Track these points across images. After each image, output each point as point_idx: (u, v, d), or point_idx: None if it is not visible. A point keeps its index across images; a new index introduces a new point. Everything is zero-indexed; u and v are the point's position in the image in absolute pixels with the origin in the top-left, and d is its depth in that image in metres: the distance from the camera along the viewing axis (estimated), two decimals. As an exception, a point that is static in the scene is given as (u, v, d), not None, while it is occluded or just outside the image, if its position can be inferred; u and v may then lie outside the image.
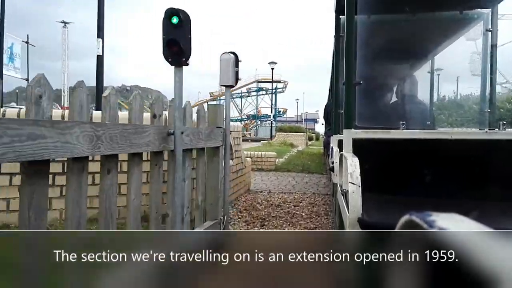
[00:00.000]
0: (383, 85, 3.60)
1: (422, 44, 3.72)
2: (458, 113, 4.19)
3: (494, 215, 1.92)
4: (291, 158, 12.59)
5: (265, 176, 8.53)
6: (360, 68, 2.69)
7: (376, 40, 3.35)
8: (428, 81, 3.89)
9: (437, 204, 2.05)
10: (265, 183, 7.44)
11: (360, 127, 2.48)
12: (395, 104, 3.52)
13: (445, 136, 2.36)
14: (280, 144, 23.74)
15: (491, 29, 3.03)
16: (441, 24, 3.35)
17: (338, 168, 2.57)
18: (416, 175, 2.41)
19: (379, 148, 2.43)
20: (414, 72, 4.01)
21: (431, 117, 3.66)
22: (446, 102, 4.43)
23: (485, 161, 2.42)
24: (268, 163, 9.83)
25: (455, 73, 3.77)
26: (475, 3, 3.12)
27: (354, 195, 1.82)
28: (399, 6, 3.14)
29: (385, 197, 2.26)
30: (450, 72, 3.81)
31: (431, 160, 2.43)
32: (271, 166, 9.79)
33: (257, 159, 9.67)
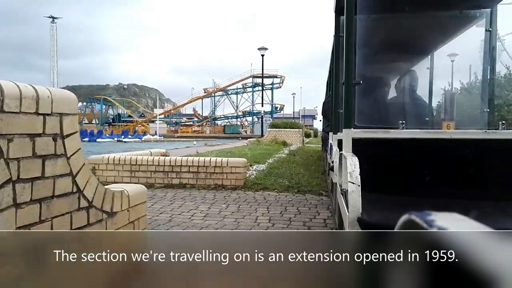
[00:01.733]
0: (383, 85, 3.60)
1: (421, 44, 3.72)
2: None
3: (493, 214, 1.93)
4: (276, 165, 8.92)
5: (218, 202, 5.14)
6: (360, 68, 2.69)
7: (375, 40, 3.35)
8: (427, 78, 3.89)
9: (436, 204, 2.05)
10: (195, 225, 4.10)
11: (359, 126, 2.49)
12: (394, 104, 3.52)
13: (444, 135, 2.36)
14: (271, 142, 20.29)
15: (490, 29, 3.03)
16: (441, 24, 3.35)
17: (338, 167, 2.58)
18: (415, 175, 2.41)
19: (379, 148, 2.43)
20: (413, 71, 4.01)
21: (429, 114, 3.66)
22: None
23: (484, 161, 2.42)
24: (233, 176, 6.35)
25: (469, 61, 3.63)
26: (475, 3, 3.12)
27: (353, 194, 1.83)
28: (399, 6, 3.14)
29: (385, 196, 2.26)
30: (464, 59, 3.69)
31: (431, 160, 2.43)
32: (237, 182, 6.30)
33: (214, 170, 6.37)
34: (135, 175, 6.61)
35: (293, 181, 6.66)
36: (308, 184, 6.38)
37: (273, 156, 11.98)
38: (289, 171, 7.91)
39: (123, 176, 6.65)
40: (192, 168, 6.52)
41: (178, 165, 6.54)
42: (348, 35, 2.46)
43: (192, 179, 6.47)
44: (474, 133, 2.46)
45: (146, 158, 6.67)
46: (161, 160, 6.59)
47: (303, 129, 25.72)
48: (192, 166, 6.50)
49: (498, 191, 2.29)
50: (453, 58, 3.40)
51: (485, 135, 2.37)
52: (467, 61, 3.41)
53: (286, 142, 20.67)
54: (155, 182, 6.53)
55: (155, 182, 6.53)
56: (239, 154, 11.04)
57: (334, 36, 3.57)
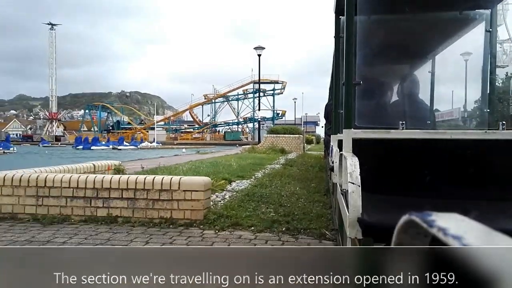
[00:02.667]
0: (383, 85, 3.60)
1: (422, 44, 3.73)
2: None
3: (493, 215, 1.91)
4: (264, 181, 6.99)
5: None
6: (360, 68, 2.70)
7: (375, 40, 3.35)
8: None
9: (437, 204, 2.04)
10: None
11: (359, 127, 2.48)
12: (395, 104, 3.51)
13: (444, 136, 2.36)
14: (267, 150, 18.42)
15: (490, 29, 3.03)
16: (441, 25, 3.36)
17: (338, 167, 2.57)
18: (416, 175, 2.40)
19: (379, 148, 2.42)
20: (414, 71, 4.01)
21: (431, 116, 3.65)
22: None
23: (485, 161, 2.42)
24: (188, 205, 4.28)
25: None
26: (475, 4, 3.13)
27: (353, 194, 1.82)
28: (399, 7, 3.15)
29: (385, 196, 2.25)
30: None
31: (431, 160, 2.42)
32: (194, 213, 4.27)
33: (159, 195, 4.34)
34: (43, 203, 4.57)
35: (282, 209, 4.66)
36: (304, 214, 4.41)
37: (265, 167, 10.06)
38: (280, 191, 5.94)
39: (25, 204, 4.60)
40: (127, 193, 4.42)
41: (106, 188, 4.48)
42: (348, 35, 2.47)
43: (127, 209, 4.41)
44: (474, 133, 2.46)
45: (61, 177, 4.59)
46: (81, 180, 4.52)
47: (304, 135, 24.05)
48: (126, 189, 4.43)
49: (499, 191, 2.28)
50: (467, 58, 3.36)
51: (486, 136, 2.36)
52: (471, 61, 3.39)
53: (285, 150, 19.13)
54: (72, 214, 4.52)
55: (72, 214, 4.52)
56: (222, 166, 8.94)
57: (334, 37, 3.58)
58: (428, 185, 2.33)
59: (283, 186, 6.53)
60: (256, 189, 6.06)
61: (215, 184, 5.85)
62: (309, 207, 4.81)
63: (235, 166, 9.33)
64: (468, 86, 3.34)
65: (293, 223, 4.09)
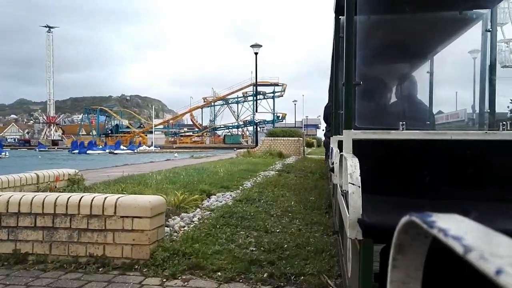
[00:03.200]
0: (383, 85, 3.59)
1: (421, 44, 3.72)
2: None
3: (493, 215, 1.90)
4: (252, 193, 5.78)
5: None
6: (360, 68, 2.68)
7: (375, 41, 3.34)
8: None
9: (437, 205, 2.03)
10: None
11: (359, 127, 2.47)
12: (395, 105, 3.50)
13: (445, 136, 2.34)
14: (263, 153, 17.06)
15: (490, 29, 3.02)
16: (441, 24, 3.35)
17: (338, 168, 2.55)
18: (416, 176, 2.39)
19: (379, 149, 2.41)
20: (414, 71, 4.01)
21: (430, 117, 3.64)
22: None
23: (485, 162, 2.40)
24: (128, 237, 2.99)
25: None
26: (475, 3, 3.13)
27: (354, 195, 1.80)
28: (399, 7, 3.14)
29: (385, 197, 2.24)
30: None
31: (431, 161, 2.41)
32: (137, 250, 2.97)
33: (88, 223, 3.06)
34: None
35: (268, 239, 3.43)
36: (298, 247, 3.21)
37: (258, 174, 8.73)
38: (269, 209, 4.69)
39: None
40: (43, 219, 3.14)
41: (13, 213, 3.18)
42: (348, 35, 2.45)
43: (42, 243, 3.13)
44: (474, 134, 2.45)
45: None
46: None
47: (304, 138, 23.01)
48: (42, 215, 3.14)
49: (499, 192, 2.26)
50: (475, 55, 3.31)
51: (486, 136, 2.35)
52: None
53: (282, 153, 17.75)
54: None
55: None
56: (208, 173, 7.60)
57: (334, 36, 3.57)
58: (428, 186, 2.32)
59: (275, 201, 5.33)
60: (238, 207, 4.74)
61: (187, 200, 4.71)
62: (306, 234, 3.63)
63: (222, 173, 8.04)
64: (469, 86, 3.32)
65: (280, 264, 2.88)
